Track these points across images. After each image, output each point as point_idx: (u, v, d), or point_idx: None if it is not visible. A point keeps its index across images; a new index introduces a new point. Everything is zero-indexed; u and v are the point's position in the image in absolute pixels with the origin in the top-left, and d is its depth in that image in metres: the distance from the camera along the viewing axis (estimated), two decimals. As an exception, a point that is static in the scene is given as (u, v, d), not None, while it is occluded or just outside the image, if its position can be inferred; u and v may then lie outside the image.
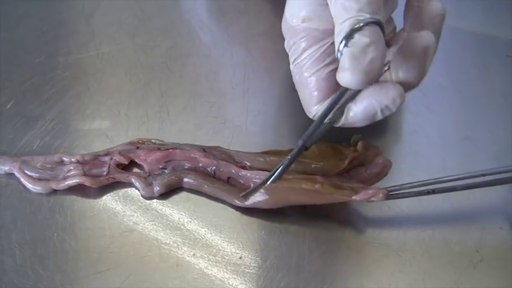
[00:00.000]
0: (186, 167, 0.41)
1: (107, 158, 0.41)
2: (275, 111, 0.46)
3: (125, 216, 0.39)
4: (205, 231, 0.39)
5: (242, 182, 0.40)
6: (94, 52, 0.48)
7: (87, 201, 0.39)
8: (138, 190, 0.40)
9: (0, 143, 0.42)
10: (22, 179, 0.39)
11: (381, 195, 0.37)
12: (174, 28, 0.50)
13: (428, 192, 0.38)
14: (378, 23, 0.34)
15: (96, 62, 0.47)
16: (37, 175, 0.40)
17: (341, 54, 0.33)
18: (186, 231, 0.39)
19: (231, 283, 0.37)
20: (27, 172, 0.40)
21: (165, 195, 0.40)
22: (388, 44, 0.39)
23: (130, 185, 0.40)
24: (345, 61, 0.33)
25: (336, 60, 0.36)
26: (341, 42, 0.33)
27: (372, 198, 0.37)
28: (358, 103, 0.38)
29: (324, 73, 0.38)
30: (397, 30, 0.41)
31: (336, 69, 0.35)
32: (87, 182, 0.39)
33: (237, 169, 0.40)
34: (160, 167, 0.41)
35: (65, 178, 0.39)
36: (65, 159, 0.40)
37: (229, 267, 0.38)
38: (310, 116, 0.40)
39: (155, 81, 0.46)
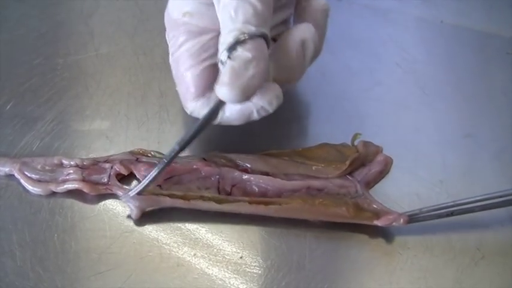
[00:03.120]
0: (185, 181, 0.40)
1: (107, 166, 0.40)
2: (278, 110, 0.45)
3: (125, 216, 0.39)
4: (205, 231, 0.39)
5: (248, 190, 0.40)
6: (93, 53, 0.48)
7: (87, 202, 0.39)
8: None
9: (0, 144, 0.42)
10: (22, 181, 0.39)
11: (401, 220, 0.38)
12: (173, 28, 0.49)
13: (447, 215, 0.39)
14: (262, 36, 0.34)
15: (95, 63, 0.47)
16: (37, 177, 0.40)
17: (222, 65, 0.34)
18: (187, 231, 0.39)
19: (232, 283, 0.37)
20: (27, 173, 0.39)
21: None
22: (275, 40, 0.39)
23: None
24: (225, 75, 0.33)
25: (212, 57, 0.37)
26: (223, 52, 0.34)
27: (393, 224, 0.38)
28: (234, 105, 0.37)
29: (199, 69, 0.37)
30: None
31: (211, 66, 0.36)
32: (85, 188, 0.39)
33: (239, 173, 0.40)
34: (159, 184, 0.40)
35: (64, 181, 0.39)
36: (64, 161, 0.40)
37: (230, 267, 0.38)
38: (188, 112, 0.39)
39: (154, 82, 0.46)
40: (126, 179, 0.41)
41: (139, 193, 0.38)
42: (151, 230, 0.39)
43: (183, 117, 0.44)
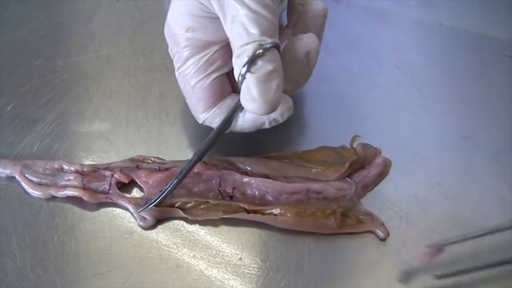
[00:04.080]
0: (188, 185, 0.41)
1: (107, 173, 0.40)
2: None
3: (125, 218, 0.39)
4: (205, 232, 0.39)
5: (249, 192, 0.40)
6: (93, 54, 0.48)
7: (86, 203, 0.39)
8: (136, 220, 0.39)
9: (0, 146, 0.42)
10: (23, 183, 0.39)
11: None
12: (173, 30, 0.50)
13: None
14: (276, 46, 0.34)
15: (95, 65, 0.47)
16: (37, 180, 0.40)
17: (243, 78, 0.34)
18: (186, 233, 0.39)
19: (231, 284, 0.37)
20: (27, 176, 0.40)
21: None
22: None
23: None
24: (252, 91, 0.34)
25: (218, 69, 0.38)
26: (243, 66, 0.34)
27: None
28: (247, 114, 0.38)
29: (208, 82, 0.38)
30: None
31: (219, 77, 0.37)
32: (85, 196, 0.39)
33: (240, 176, 0.40)
34: (161, 190, 0.40)
35: (65, 187, 0.39)
36: (65, 166, 0.40)
37: (229, 268, 0.38)
38: (199, 122, 0.40)
39: (154, 83, 0.46)
40: (126, 186, 0.41)
41: (156, 205, 0.38)
42: (151, 232, 0.39)
43: (182, 119, 0.44)
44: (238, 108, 0.38)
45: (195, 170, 0.40)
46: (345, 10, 0.53)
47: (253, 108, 0.34)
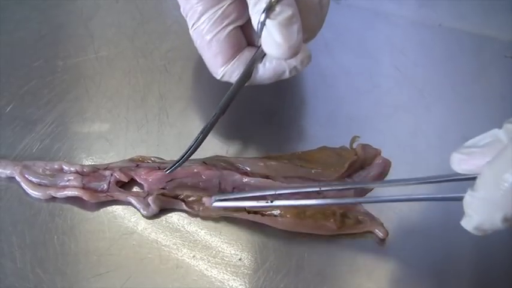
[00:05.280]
0: (188, 184, 0.41)
1: (107, 173, 0.40)
2: (275, 114, 0.46)
3: (125, 218, 0.39)
4: (204, 233, 0.39)
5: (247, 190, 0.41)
6: (93, 55, 0.48)
7: (86, 204, 0.39)
8: (139, 210, 0.40)
9: (0, 147, 0.42)
10: (23, 184, 0.39)
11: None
12: (173, 31, 0.50)
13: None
14: None
15: (95, 65, 0.47)
16: (37, 180, 0.40)
17: (262, 25, 0.34)
18: (186, 233, 0.39)
19: (230, 284, 0.37)
20: (27, 177, 0.40)
21: (164, 197, 0.40)
22: None
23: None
24: (276, 36, 0.34)
25: (234, 21, 0.38)
26: (262, 13, 0.34)
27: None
28: (268, 63, 0.39)
29: (224, 34, 0.38)
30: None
31: (235, 29, 0.38)
32: (85, 196, 0.39)
33: (240, 176, 0.40)
34: (161, 187, 0.40)
35: (64, 188, 0.39)
36: (65, 167, 0.40)
37: (229, 269, 0.38)
38: (218, 77, 0.40)
39: (154, 84, 0.46)
40: (126, 186, 0.41)
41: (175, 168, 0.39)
42: (151, 232, 0.39)
43: (182, 120, 0.44)
44: (257, 59, 0.39)
45: (195, 170, 0.40)
46: (345, 11, 0.53)
47: (277, 53, 0.35)
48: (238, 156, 0.43)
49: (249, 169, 0.41)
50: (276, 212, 0.39)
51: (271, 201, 0.38)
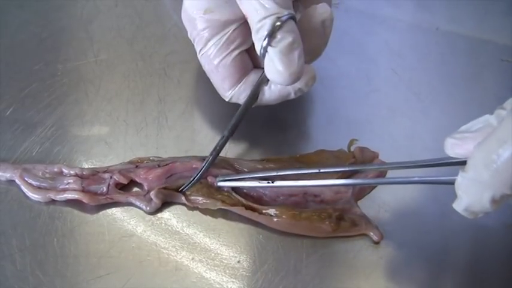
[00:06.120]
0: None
1: (106, 175, 0.40)
2: (274, 117, 0.46)
3: (124, 221, 0.40)
4: (203, 235, 0.39)
5: (245, 191, 0.41)
6: (92, 59, 0.48)
7: (86, 207, 0.40)
8: (141, 209, 0.40)
9: (0, 150, 0.42)
10: (23, 187, 0.40)
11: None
12: (172, 34, 0.50)
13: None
14: (292, 17, 0.35)
15: (94, 69, 0.47)
16: (37, 183, 0.40)
17: (264, 51, 0.35)
18: (185, 236, 0.39)
19: (229, 286, 0.37)
20: (27, 180, 0.40)
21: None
22: None
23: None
24: (276, 63, 0.35)
25: (239, 46, 0.39)
26: (264, 40, 0.35)
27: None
28: (273, 86, 0.40)
29: (230, 59, 0.39)
30: None
31: (240, 54, 0.39)
32: (85, 199, 0.39)
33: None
34: (161, 184, 0.40)
35: (64, 191, 0.40)
36: (64, 170, 0.41)
37: (227, 271, 0.38)
38: (226, 100, 0.41)
39: (153, 88, 0.47)
40: (125, 188, 0.41)
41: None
42: (150, 234, 0.39)
43: (181, 123, 0.45)
44: (263, 81, 0.40)
45: (194, 166, 0.41)
46: (343, 15, 0.54)
47: (279, 80, 0.36)
48: (238, 158, 0.43)
49: (247, 171, 0.42)
50: (272, 211, 0.39)
51: (272, 182, 0.39)
